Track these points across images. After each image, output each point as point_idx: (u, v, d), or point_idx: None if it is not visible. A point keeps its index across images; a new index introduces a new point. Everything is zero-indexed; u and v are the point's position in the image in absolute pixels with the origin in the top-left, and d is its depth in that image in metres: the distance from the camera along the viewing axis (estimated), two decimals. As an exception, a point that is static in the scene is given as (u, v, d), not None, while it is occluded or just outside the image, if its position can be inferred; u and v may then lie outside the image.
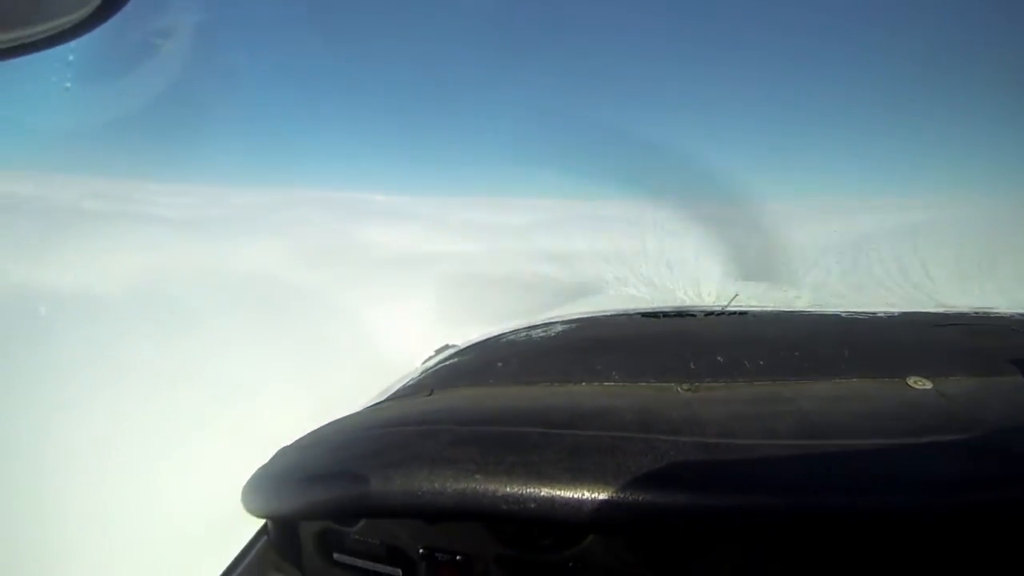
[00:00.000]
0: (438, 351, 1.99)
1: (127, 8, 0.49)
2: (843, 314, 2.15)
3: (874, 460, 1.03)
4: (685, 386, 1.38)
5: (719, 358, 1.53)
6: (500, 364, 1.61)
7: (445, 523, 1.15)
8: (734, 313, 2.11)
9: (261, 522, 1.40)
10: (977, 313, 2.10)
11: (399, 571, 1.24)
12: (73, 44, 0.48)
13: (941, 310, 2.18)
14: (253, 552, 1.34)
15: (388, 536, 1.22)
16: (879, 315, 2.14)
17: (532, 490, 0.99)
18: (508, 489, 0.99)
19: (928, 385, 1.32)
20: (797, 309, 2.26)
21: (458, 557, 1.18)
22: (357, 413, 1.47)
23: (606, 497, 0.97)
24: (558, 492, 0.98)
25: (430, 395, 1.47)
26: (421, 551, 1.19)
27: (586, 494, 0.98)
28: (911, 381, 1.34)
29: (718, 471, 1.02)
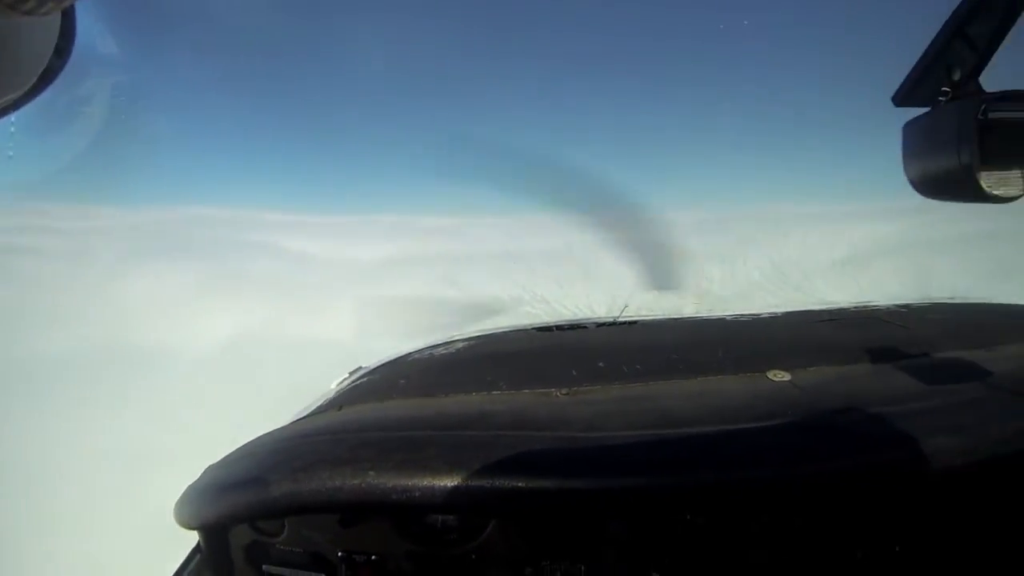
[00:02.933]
0: (351, 372, 2.13)
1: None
2: (727, 318, 2.26)
3: (715, 443, 1.17)
4: (564, 391, 1.51)
5: (600, 364, 1.69)
6: (402, 381, 1.78)
7: (358, 526, 1.24)
8: (624, 323, 2.18)
9: (193, 543, 1.43)
10: (854, 307, 2.28)
11: (322, 575, 1.31)
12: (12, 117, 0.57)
13: (821, 307, 2.35)
14: (188, 571, 1.40)
15: (309, 544, 1.31)
16: (761, 316, 2.26)
17: (416, 481, 1.12)
18: (397, 482, 1.13)
19: (786, 377, 1.49)
20: (684, 316, 2.34)
21: (373, 557, 1.27)
22: (277, 429, 1.60)
23: (478, 484, 1.10)
24: (438, 482, 1.11)
25: (339, 410, 1.62)
26: (340, 554, 1.28)
27: (460, 482, 1.11)
28: (771, 375, 1.51)
29: (577, 459, 1.15)
